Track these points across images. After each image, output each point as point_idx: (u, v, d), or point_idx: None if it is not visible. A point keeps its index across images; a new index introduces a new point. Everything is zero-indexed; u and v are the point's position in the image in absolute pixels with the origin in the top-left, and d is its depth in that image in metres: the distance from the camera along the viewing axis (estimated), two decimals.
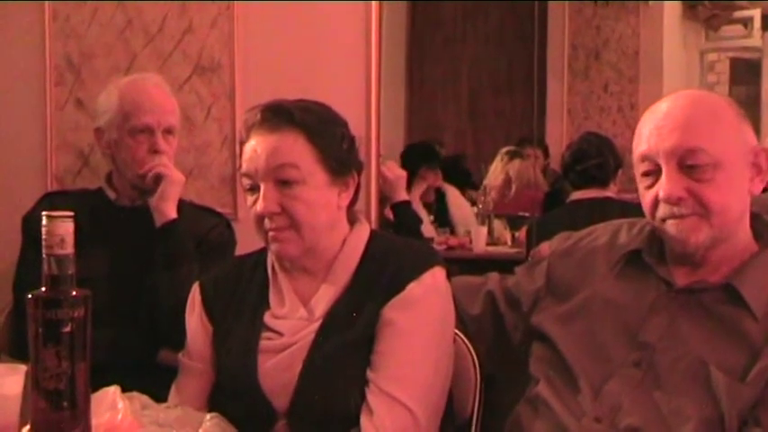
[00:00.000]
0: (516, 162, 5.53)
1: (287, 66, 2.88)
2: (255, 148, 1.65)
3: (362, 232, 1.75)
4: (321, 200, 1.67)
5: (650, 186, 1.59)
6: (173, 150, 2.31)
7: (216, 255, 2.24)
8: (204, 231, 2.34)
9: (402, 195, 3.12)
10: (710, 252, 1.58)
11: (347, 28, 2.88)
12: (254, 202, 1.65)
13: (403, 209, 3.10)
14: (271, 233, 1.65)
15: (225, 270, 1.85)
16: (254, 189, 1.66)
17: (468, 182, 5.98)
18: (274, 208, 1.63)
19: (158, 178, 2.22)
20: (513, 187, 5.40)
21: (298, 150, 1.65)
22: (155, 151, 2.25)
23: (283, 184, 1.63)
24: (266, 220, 1.65)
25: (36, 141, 3.07)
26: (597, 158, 3.42)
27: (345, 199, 1.73)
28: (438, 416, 1.66)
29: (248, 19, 2.93)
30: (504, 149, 5.67)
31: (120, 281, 2.21)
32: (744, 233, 1.61)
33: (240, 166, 1.71)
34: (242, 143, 1.70)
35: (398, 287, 1.63)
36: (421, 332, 1.63)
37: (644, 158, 1.60)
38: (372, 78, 2.86)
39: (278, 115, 1.67)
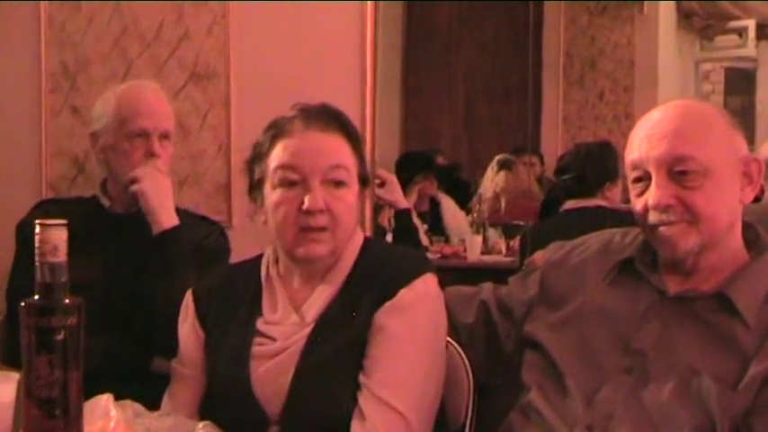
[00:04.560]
0: (502, 174, 5.51)
1: (282, 74, 2.89)
2: (304, 144, 1.67)
3: (357, 239, 1.76)
4: (355, 206, 1.72)
5: (641, 194, 1.61)
6: (168, 155, 2.31)
7: (211, 262, 2.24)
8: (199, 239, 2.33)
9: (405, 203, 3.13)
10: (701, 259, 1.59)
11: (342, 36, 2.89)
12: (290, 198, 1.65)
13: (405, 216, 3.10)
14: (310, 234, 1.65)
15: (218, 278, 1.86)
16: (293, 184, 1.66)
17: (464, 192, 5.98)
18: (323, 205, 1.64)
19: (136, 196, 2.21)
20: (503, 200, 5.39)
21: (347, 154, 1.70)
22: (151, 154, 2.26)
23: (334, 184, 1.66)
24: (307, 218, 1.64)
25: (31, 148, 3.07)
26: (577, 172, 3.42)
27: (359, 210, 1.77)
28: (430, 422, 1.66)
29: (244, 27, 2.93)
30: (496, 159, 5.66)
31: (113, 288, 2.21)
32: (735, 241, 1.62)
33: (260, 160, 1.72)
34: (275, 137, 1.70)
35: (390, 293, 1.64)
36: (413, 338, 1.64)
37: (635, 166, 1.61)
38: (367, 86, 2.87)
39: (329, 117, 1.71)
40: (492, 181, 5.55)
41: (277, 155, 1.68)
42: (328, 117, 1.71)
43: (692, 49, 7.37)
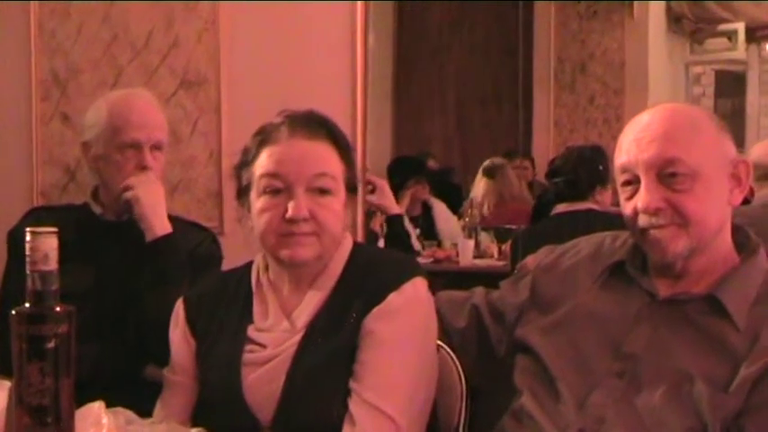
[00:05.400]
0: (483, 181, 5.52)
1: (273, 79, 2.89)
2: (288, 152, 1.66)
3: (345, 244, 1.76)
4: (342, 213, 1.70)
5: (630, 197, 1.61)
6: (161, 166, 2.29)
7: (203, 269, 2.23)
8: (191, 246, 2.32)
9: (396, 208, 3.13)
10: (691, 262, 1.60)
11: (333, 40, 2.89)
12: (274, 205, 1.65)
13: (397, 222, 3.11)
14: (294, 237, 1.65)
15: (208, 285, 1.85)
16: (278, 191, 1.66)
17: (456, 195, 5.99)
18: (306, 214, 1.64)
19: (129, 203, 2.21)
20: (485, 206, 5.39)
21: (333, 162, 1.69)
22: (143, 167, 2.24)
23: (319, 192, 1.66)
24: (290, 226, 1.64)
25: (22, 156, 3.06)
26: (568, 175, 3.43)
27: (347, 216, 1.76)
28: (422, 425, 1.66)
29: (234, 33, 2.94)
30: (483, 165, 5.65)
31: (105, 296, 2.20)
32: (724, 244, 1.63)
33: (247, 166, 1.71)
34: (261, 144, 1.70)
35: (379, 298, 1.64)
36: (402, 342, 1.63)
37: (624, 169, 1.62)
38: (358, 90, 2.87)
39: (315, 124, 1.70)
40: (476, 188, 5.57)
41: (262, 162, 1.68)
42: (314, 124, 1.70)
43: (682, 52, 7.40)
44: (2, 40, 3.08)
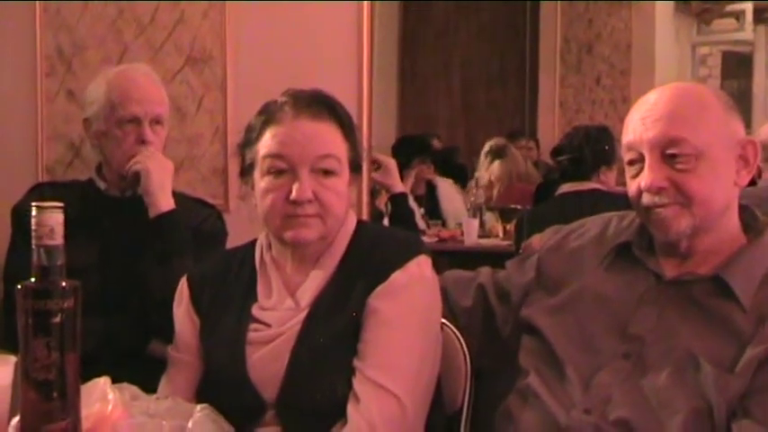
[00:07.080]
0: (496, 163, 5.50)
1: (279, 57, 2.88)
2: (293, 133, 1.65)
3: (349, 222, 1.76)
4: (346, 194, 1.70)
5: (635, 176, 1.61)
6: (161, 141, 2.29)
7: (208, 246, 2.24)
8: (196, 222, 2.33)
9: (400, 187, 3.13)
10: (696, 242, 1.59)
11: (339, 20, 2.88)
12: (278, 186, 1.65)
13: (401, 201, 3.10)
14: (299, 218, 1.65)
15: (213, 263, 1.85)
16: (281, 172, 1.65)
17: (461, 175, 5.98)
18: (311, 195, 1.63)
19: (137, 175, 2.21)
20: (495, 188, 5.38)
21: (338, 143, 1.68)
22: (142, 142, 2.24)
23: (324, 173, 1.65)
24: (295, 207, 1.64)
25: (27, 132, 3.06)
26: (574, 153, 3.42)
27: (352, 195, 1.76)
28: (426, 403, 1.66)
29: (240, 10, 2.93)
30: (486, 148, 5.63)
31: (110, 271, 2.20)
32: (731, 224, 1.62)
33: (250, 145, 1.71)
34: (265, 124, 1.69)
35: (383, 276, 1.64)
36: (406, 320, 1.63)
37: (629, 148, 1.62)
38: (364, 71, 2.86)
39: (320, 105, 1.69)
40: (487, 170, 5.54)
41: (266, 143, 1.67)
42: (319, 104, 1.69)
43: (689, 32, 7.36)
44: (7, 15, 3.07)
